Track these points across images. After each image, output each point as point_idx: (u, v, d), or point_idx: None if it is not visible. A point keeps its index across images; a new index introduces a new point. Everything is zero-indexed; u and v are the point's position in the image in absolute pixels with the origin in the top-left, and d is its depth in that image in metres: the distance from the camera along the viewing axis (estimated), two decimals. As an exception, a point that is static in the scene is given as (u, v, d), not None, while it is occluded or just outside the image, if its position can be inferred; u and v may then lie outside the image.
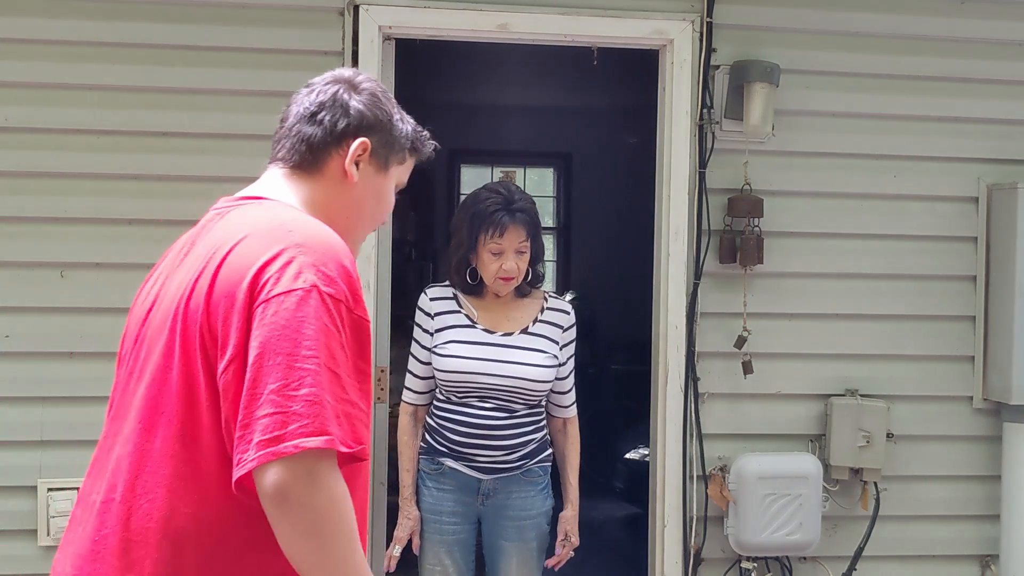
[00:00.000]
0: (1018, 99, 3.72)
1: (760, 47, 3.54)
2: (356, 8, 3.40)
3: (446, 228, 3.34)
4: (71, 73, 3.32)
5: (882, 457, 3.56)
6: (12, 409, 3.31)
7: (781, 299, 3.62)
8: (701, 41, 3.53)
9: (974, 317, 3.69)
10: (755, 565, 3.57)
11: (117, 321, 3.29)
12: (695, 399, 3.56)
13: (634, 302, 4.80)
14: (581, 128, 7.64)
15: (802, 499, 3.49)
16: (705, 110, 3.54)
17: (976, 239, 3.69)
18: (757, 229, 3.53)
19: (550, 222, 8.23)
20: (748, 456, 3.53)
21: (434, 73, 5.43)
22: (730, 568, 3.60)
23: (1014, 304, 3.56)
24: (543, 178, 8.50)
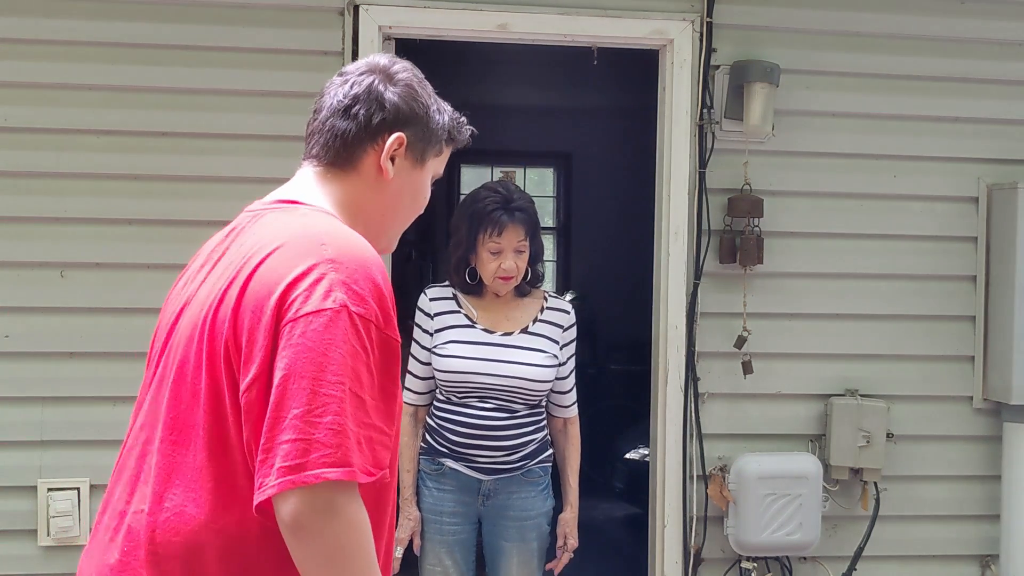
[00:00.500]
0: (1018, 99, 3.72)
1: (760, 47, 3.54)
2: (356, 8, 3.40)
3: (446, 228, 3.33)
4: (71, 73, 3.32)
5: (882, 457, 3.57)
6: (12, 409, 3.31)
7: (781, 299, 3.62)
8: (701, 41, 3.54)
9: (974, 317, 3.69)
10: (755, 565, 3.57)
11: (117, 321, 3.36)
12: (695, 399, 3.56)
13: (634, 302, 4.79)
14: (581, 128, 7.62)
15: (802, 499, 3.49)
16: (705, 110, 3.54)
17: (976, 239, 3.69)
18: (757, 229, 3.53)
19: (550, 222, 8.21)
20: (748, 456, 3.53)
21: (434, 73, 5.37)
22: (730, 568, 3.60)
23: (1014, 304, 3.56)
24: (543, 178, 8.49)
